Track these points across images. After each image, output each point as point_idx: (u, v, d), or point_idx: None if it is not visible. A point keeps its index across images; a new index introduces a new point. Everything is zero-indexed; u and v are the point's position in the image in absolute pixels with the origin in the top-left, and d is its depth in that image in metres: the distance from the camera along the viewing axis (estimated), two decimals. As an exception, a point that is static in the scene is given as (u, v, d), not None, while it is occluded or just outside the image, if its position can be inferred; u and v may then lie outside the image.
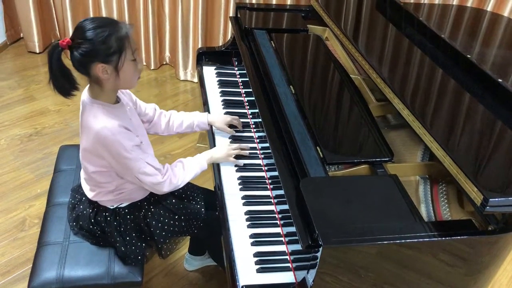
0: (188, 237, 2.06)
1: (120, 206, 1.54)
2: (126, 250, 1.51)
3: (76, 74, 1.33)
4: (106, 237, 1.54)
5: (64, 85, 1.32)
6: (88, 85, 1.40)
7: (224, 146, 1.63)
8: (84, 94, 1.42)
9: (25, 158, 2.63)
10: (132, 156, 1.37)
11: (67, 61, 1.31)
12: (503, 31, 1.94)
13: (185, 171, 1.53)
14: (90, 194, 1.54)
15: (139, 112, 1.63)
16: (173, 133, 1.77)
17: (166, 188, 1.48)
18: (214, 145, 1.73)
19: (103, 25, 1.27)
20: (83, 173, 1.56)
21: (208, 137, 1.80)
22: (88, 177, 1.50)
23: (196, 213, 1.61)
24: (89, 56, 1.28)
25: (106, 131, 1.33)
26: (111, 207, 1.54)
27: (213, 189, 1.69)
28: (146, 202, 1.56)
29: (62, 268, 1.47)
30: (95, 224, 1.53)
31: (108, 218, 1.52)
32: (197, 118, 1.76)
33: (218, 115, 1.81)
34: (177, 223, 1.58)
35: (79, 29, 1.28)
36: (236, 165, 1.61)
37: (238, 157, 1.62)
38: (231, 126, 1.76)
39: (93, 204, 1.55)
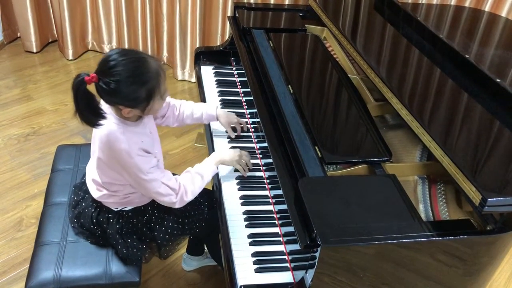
0: (187, 238, 2.06)
1: (124, 209, 1.53)
2: (128, 252, 1.51)
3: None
4: (106, 237, 1.53)
5: (90, 118, 1.26)
6: None
7: (235, 152, 1.57)
8: (106, 107, 1.35)
9: (22, 158, 2.62)
10: (148, 178, 1.36)
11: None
12: (501, 31, 1.95)
13: (196, 185, 1.49)
14: (96, 194, 1.52)
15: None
16: (183, 125, 1.75)
17: (178, 206, 1.47)
18: (212, 146, 1.72)
19: (134, 74, 1.22)
20: (90, 173, 1.54)
21: (206, 138, 1.79)
22: (99, 182, 1.49)
23: (199, 214, 1.61)
24: (117, 101, 1.27)
25: (125, 155, 1.32)
26: (115, 209, 1.53)
27: (211, 189, 1.69)
28: (150, 207, 1.55)
29: (59, 268, 1.47)
30: (97, 224, 1.52)
31: (111, 220, 1.52)
32: (206, 111, 1.73)
33: (227, 112, 1.77)
34: (180, 226, 1.57)
35: (107, 73, 1.22)
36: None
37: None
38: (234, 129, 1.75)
39: (97, 203, 1.54)
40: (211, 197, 1.66)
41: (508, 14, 2.44)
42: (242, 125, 1.76)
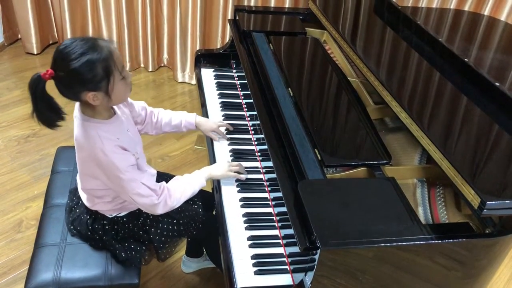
0: (185, 240, 2.06)
1: (119, 215, 1.53)
2: (127, 256, 1.51)
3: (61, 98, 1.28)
4: (104, 242, 1.53)
5: (50, 117, 1.26)
6: (78, 103, 1.34)
7: (224, 164, 1.58)
8: (76, 110, 1.36)
9: (22, 160, 2.62)
10: (126, 177, 1.33)
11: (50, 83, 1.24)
12: (500, 35, 1.95)
13: (181, 192, 1.47)
14: (88, 204, 1.52)
15: (134, 115, 1.60)
16: (161, 132, 1.73)
17: (160, 210, 1.43)
18: (212, 148, 1.73)
19: (85, 51, 1.20)
20: (79, 182, 1.54)
21: (206, 140, 1.80)
22: (86, 190, 1.49)
23: (194, 215, 1.60)
24: (77, 87, 1.24)
25: (100, 154, 1.30)
26: (110, 216, 1.53)
27: (210, 191, 1.69)
28: None
29: (59, 270, 1.47)
30: (92, 230, 1.52)
31: (106, 227, 1.51)
32: (185, 118, 1.73)
33: (206, 119, 1.77)
34: (175, 227, 1.57)
35: (60, 60, 1.21)
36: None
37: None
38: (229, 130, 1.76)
39: (91, 211, 1.53)
40: (206, 199, 1.67)
41: (507, 18, 2.45)
42: (225, 127, 1.76)
